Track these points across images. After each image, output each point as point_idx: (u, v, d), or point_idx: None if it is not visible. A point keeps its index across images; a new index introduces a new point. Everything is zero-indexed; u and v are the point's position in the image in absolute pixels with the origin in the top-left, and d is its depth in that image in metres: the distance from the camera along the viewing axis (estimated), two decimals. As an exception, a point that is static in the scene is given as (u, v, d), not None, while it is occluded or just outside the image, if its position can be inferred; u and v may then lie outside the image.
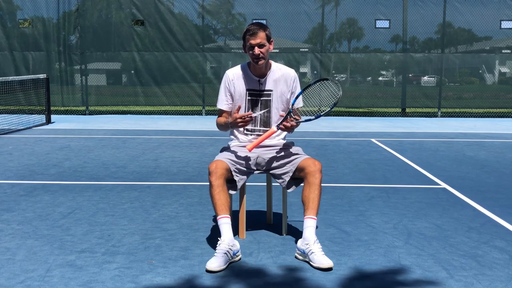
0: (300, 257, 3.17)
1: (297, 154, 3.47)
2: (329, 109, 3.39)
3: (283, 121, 3.38)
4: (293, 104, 3.43)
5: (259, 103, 3.52)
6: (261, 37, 3.33)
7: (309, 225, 3.20)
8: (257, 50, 3.33)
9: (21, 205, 4.44)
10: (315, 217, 3.24)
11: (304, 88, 3.47)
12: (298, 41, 14.26)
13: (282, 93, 3.51)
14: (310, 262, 3.07)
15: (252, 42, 3.33)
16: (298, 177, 3.44)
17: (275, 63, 3.56)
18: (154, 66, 13.77)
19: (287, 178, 3.44)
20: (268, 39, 3.38)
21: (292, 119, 3.38)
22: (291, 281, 2.85)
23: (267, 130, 3.44)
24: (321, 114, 3.39)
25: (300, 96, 3.52)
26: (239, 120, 3.29)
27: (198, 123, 11.80)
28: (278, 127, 3.37)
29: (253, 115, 3.42)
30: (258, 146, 3.44)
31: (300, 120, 3.41)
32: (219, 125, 3.59)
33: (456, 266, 3.08)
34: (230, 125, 3.42)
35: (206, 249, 3.35)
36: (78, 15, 13.54)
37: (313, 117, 3.40)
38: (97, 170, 6.04)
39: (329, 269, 2.99)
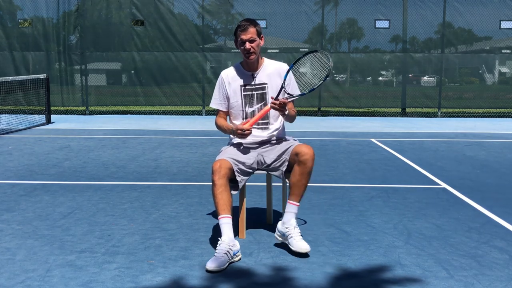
0: (280, 238, 3.39)
1: (290, 143, 3.51)
2: (322, 81, 3.44)
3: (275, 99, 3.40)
4: (284, 79, 3.44)
5: (255, 97, 3.55)
6: (251, 32, 3.42)
7: (291, 211, 3.35)
8: (247, 45, 3.42)
9: (21, 205, 4.44)
10: (298, 204, 3.37)
11: (294, 62, 3.52)
12: (298, 41, 14.26)
13: (277, 86, 3.53)
14: (289, 246, 3.26)
15: (243, 37, 3.41)
16: (292, 164, 3.43)
17: (268, 59, 3.65)
18: (154, 66, 13.77)
19: (283, 168, 3.46)
20: (259, 34, 3.47)
21: (284, 98, 3.39)
22: (290, 282, 2.85)
23: (265, 124, 3.55)
24: (315, 87, 3.46)
25: (295, 83, 3.57)
26: (239, 131, 3.35)
27: (198, 123, 11.80)
28: (271, 105, 3.38)
29: (253, 129, 3.43)
30: (257, 144, 3.52)
31: (294, 96, 3.44)
32: (219, 127, 3.62)
33: (456, 266, 3.08)
34: (230, 132, 3.50)
35: (206, 249, 3.35)
36: (78, 15, 13.54)
37: (306, 91, 3.48)
38: (97, 170, 6.04)
39: (307, 254, 3.19)
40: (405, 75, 14.16)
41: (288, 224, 3.32)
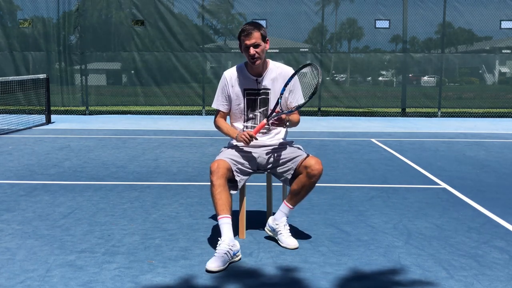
0: (270, 233, 3.55)
1: (298, 152, 3.48)
2: (308, 99, 3.42)
3: (272, 114, 3.41)
4: (281, 94, 3.42)
5: (258, 102, 3.52)
6: (255, 37, 3.34)
7: (284, 211, 3.48)
8: (252, 51, 3.35)
9: (21, 205, 4.44)
10: (293, 207, 3.48)
11: (296, 71, 3.48)
12: (298, 41, 14.25)
13: (280, 91, 3.51)
14: (279, 242, 3.43)
15: (247, 42, 3.35)
16: (299, 173, 3.44)
17: (273, 62, 3.57)
18: (154, 66, 13.77)
19: (288, 176, 3.45)
20: (264, 38, 3.39)
21: (279, 112, 3.39)
22: (290, 281, 2.85)
23: (266, 129, 3.52)
24: (301, 105, 3.43)
25: (300, 92, 3.53)
26: (242, 137, 3.31)
27: (198, 123, 11.80)
28: (269, 121, 3.40)
29: (258, 137, 3.43)
30: (258, 146, 3.48)
31: (285, 112, 3.40)
32: (219, 128, 3.62)
33: (456, 266, 3.08)
34: (232, 135, 3.49)
35: (206, 249, 3.35)
36: (78, 15, 13.54)
37: (294, 108, 3.43)
38: (97, 170, 6.04)
39: (295, 249, 3.33)
40: (405, 75, 14.16)
41: (279, 221, 3.47)
